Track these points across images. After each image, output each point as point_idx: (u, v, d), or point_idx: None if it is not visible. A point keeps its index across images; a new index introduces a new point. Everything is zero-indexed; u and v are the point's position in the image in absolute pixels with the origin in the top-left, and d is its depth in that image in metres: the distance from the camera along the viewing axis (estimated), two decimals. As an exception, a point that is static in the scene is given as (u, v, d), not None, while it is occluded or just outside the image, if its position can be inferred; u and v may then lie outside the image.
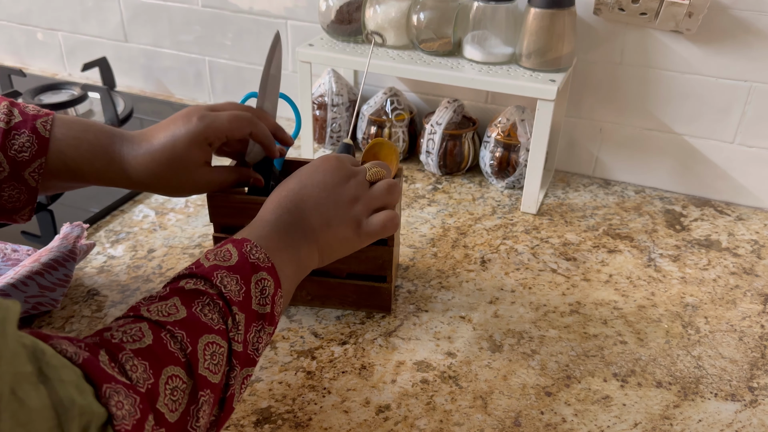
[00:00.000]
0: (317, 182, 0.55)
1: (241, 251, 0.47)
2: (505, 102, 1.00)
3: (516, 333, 0.69)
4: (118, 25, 1.23)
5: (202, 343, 0.41)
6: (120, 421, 0.33)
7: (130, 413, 0.34)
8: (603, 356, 0.67)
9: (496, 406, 0.61)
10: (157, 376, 0.38)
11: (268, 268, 0.47)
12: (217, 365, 0.42)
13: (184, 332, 0.41)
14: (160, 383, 0.37)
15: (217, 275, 0.45)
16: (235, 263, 0.46)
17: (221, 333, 0.42)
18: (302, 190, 0.54)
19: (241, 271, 0.46)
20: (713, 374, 0.65)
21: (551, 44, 0.85)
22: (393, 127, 1.00)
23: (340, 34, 0.96)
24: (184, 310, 0.42)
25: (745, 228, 0.89)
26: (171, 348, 0.39)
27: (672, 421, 0.59)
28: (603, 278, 0.78)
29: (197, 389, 0.40)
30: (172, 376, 0.38)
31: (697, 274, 0.80)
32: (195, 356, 0.40)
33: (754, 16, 0.84)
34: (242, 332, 0.44)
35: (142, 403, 0.35)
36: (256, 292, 0.46)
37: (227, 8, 1.12)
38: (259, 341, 0.46)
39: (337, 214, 0.54)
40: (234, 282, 0.45)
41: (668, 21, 0.84)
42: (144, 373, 0.37)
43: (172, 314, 0.41)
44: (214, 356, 0.41)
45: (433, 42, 0.91)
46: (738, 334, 0.70)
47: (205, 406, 0.41)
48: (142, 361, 0.37)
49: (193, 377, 0.40)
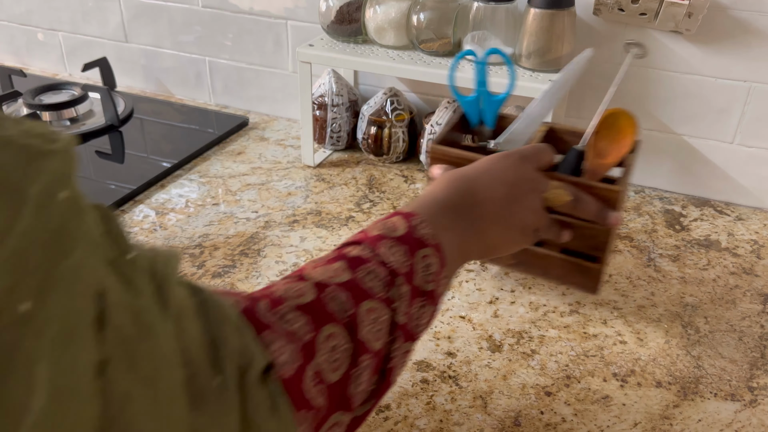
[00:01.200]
0: (496, 177, 0.52)
1: (408, 224, 0.45)
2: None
3: (516, 333, 0.69)
4: (119, 25, 1.23)
5: (364, 308, 0.39)
6: (281, 367, 0.32)
7: (292, 360, 0.33)
8: (603, 356, 0.67)
9: (496, 405, 0.61)
10: (317, 331, 0.36)
11: (435, 245, 0.45)
12: (378, 333, 0.40)
13: (347, 294, 0.39)
14: (319, 339, 0.36)
15: (383, 245, 0.43)
16: (401, 235, 0.44)
17: (384, 301, 0.41)
18: (479, 178, 0.51)
19: (407, 244, 0.44)
20: (713, 374, 0.65)
21: (551, 45, 0.85)
22: (393, 128, 1.00)
23: (341, 35, 0.96)
24: (348, 274, 0.40)
25: (744, 228, 0.89)
26: (332, 308, 0.38)
27: (671, 421, 0.59)
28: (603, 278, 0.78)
29: (358, 353, 0.38)
30: (332, 335, 0.37)
31: (697, 274, 0.80)
32: (356, 320, 0.38)
33: (753, 17, 0.84)
34: (405, 305, 0.42)
35: (302, 352, 0.34)
36: (421, 267, 0.44)
37: (227, 8, 1.12)
38: (421, 318, 0.44)
39: (511, 214, 0.52)
40: (400, 253, 0.43)
41: (668, 21, 0.84)
42: (305, 326, 0.36)
43: (336, 277, 0.40)
44: (376, 323, 0.40)
45: (433, 42, 0.91)
46: (738, 334, 0.70)
47: (366, 372, 0.39)
48: (303, 315, 0.36)
49: (353, 341, 0.38)
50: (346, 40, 0.96)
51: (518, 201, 0.52)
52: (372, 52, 0.93)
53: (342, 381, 0.37)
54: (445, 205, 0.49)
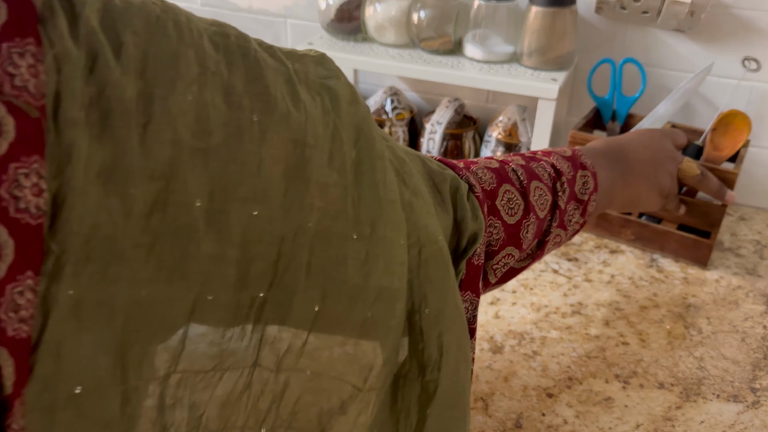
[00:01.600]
0: (643, 144, 0.61)
1: (574, 152, 0.54)
2: (505, 101, 1.00)
3: (517, 334, 0.69)
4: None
5: (533, 185, 0.49)
6: (478, 188, 0.44)
7: (480, 191, 0.44)
8: (605, 357, 0.66)
9: (497, 407, 0.60)
10: (499, 185, 0.46)
11: (593, 172, 0.53)
12: (543, 205, 0.49)
13: (522, 170, 0.49)
14: (500, 190, 0.46)
15: (553, 156, 0.53)
16: (569, 156, 0.53)
17: (549, 188, 0.50)
18: (630, 143, 0.60)
19: (572, 162, 0.53)
20: (715, 375, 0.64)
21: (552, 43, 0.85)
22: (393, 127, 0.99)
23: (340, 33, 0.95)
24: (524, 161, 0.50)
25: (747, 228, 0.89)
26: (511, 176, 0.48)
27: (674, 423, 0.59)
28: (605, 279, 0.78)
29: (528, 210, 0.47)
30: (509, 191, 0.47)
31: (700, 274, 0.79)
32: (528, 189, 0.48)
33: (756, 15, 0.83)
34: (564, 199, 0.51)
35: (485, 193, 0.45)
36: (581, 182, 0.53)
37: (226, 7, 1.11)
38: (572, 218, 0.52)
39: (653, 174, 0.60)
40: (566, 165, 0.52)
41: (670, 20, 0.84)
42: (491, 179, 0.46)
43: (514, 161, 0.50)
44: (541, 198, 0.49)
45: (434, 40, 0.91)
46: (740, 335, 0.70)
47: (532, 228, 0.48)
48: (490, 171, 0.47)
49: (525, 201, 0.47)
50: (346, 38, 0.95)
51: (661, 165, 0.61)
52: (372, 51, 0.92)
53: (516, 225, 0.47)
54: (603, 153, 0.57)
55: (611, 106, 0.90)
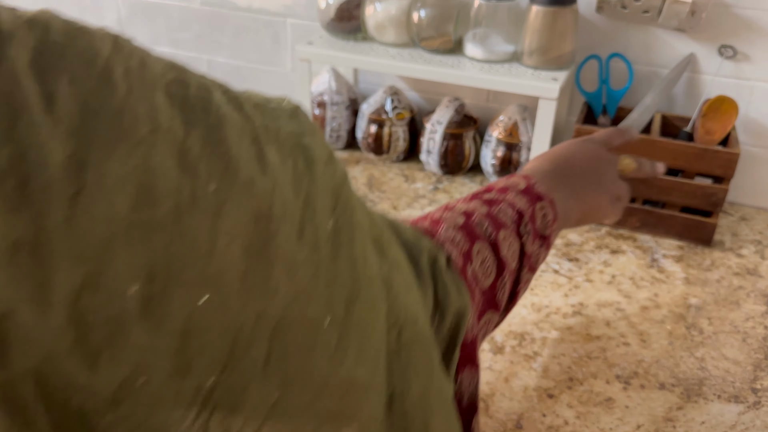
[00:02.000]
0: (585, 155, 0.61)
1: (527, 182, 0.54)
2: (506, 101, 0.99)
3: (518, 334, 0.69)
4: (115, 23, 1.22)
5: (501, 235, 0.48)
6: (455, 260, 0.42)
7: (458, 261, 0.43)
8: (606, 358, 0.66)
9: (498, 408, 0.60)
10: (472, 243, 0.45)
11: (550, 200, 0.53)
12: (513, 255, 0.48)
13: (488, 221, 0.48)
14: (473, 250, 0.45)
15: (510, 193, 0.52)
16: (523, 189, 0.53)
17: (516, 233, 0.49)
18: (573, 156, 0.61)
19: (529, 196, 0.52)
20: (716, 376, 0.64)
21: (553, 42, 0.84)
22: (393, 126, 0.99)
23: (340, 32, 0.95)
24: (486, 209, 0.49)
25: (748, 228, 0.89)
26: (479, 231, 0.47)
27: (675, 423, 0.59)
28: (606, 279, 0.78)
29: (501, 267, 0.46)
30: (481, 250, 0.46)
31: (701, 274, 0.79)
32: (497, 242, 0.47)
33: (756, 15, 0.83)
34: (530, 241, 0.50)
35: (463, 257, 0.44)
36: (540, 216, 0.52)
37: (226, 6, 1.11)
38: (539, 256, 0.52)
39: (599, 184, 0.61)
40: (524, 201, 0.52)
41: (671, 19, 0.83)
42: (462, 239, 0.45)
43: (477, 210, 0.49)
44: (510, 248, 0.48)
45: (434, 40, 0.90)
46: (741, 335, 0.69)
47: (507, 285, 0.47)
48: (459, 231, 0.46)
49: (497, 257, 0.47)
50: (346, 37, 0.95)
51: (603, 173, 0.62)
52: (372, 50, 0.92)
53: (492, 287, 0.46)
54: (554, 172, 0.57)
55: (601, 101, 0.92)
